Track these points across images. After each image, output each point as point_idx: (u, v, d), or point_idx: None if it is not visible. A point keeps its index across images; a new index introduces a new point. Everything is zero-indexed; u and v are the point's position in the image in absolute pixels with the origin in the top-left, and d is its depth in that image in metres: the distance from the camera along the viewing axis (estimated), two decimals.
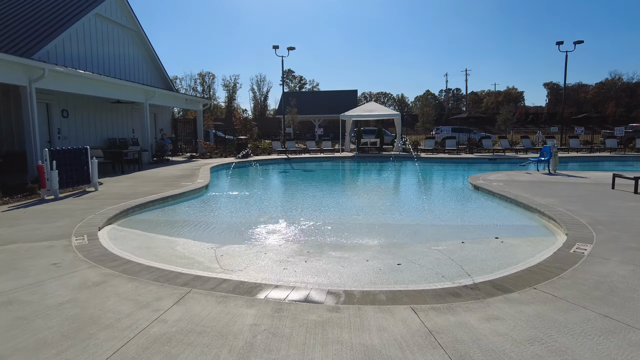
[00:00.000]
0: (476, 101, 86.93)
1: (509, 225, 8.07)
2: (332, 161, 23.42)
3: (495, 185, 11.84)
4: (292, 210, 9.81)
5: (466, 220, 8.62)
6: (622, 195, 10.03)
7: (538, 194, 10.22)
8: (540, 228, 7.70)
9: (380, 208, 9.90)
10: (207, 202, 10.78)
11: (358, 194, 12.55)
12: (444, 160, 22.52)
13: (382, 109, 28.10)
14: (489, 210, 9.54)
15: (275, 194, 12.62)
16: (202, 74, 67.85)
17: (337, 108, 30.61)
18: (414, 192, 12.77)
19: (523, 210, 9.16)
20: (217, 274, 5.02)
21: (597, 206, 8.68)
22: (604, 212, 8.01)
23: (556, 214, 7.92)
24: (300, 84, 74.81)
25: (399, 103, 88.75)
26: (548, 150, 14.72)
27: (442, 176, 16.78)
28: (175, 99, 22.44)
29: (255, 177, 16.74)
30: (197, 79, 67.62)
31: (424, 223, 8.29)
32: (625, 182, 11.29)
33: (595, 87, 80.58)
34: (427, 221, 8.46)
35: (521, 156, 23.17)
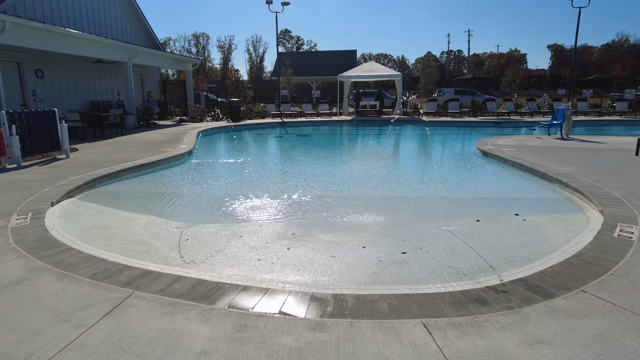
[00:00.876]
0: (478, 63, 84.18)
1: (527, 198, 6.96)
2: (329, 125, 22.10)
3: (506, 151, 10.67)
4: (281, 181, 8.67)
5: (477, 191, 7.51)
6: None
7: (555, 161, 9.08)
8: (565, 202, 6.60)
9: (380, 178, 8.77)
10: (188, 170, 9.63)
11: (356, 162, 11.37)
12: (447, 124, 21.22)
13: (382, 69, 26.46)
14: (502, 180, 8.42)
15: (264, 162, 11.39)
16: (196, 35, 65.03)
17: (336, 69, 28.93)
18: (417, 159, 11.62)
19: (541, 180, 8.04)
20: (173, 268, 3.94)
21: (627, 176, 7.56)
22: (635, 181, 6.91)
23: (583, 186, 6.81)
24: (298, 45, 71.95)
25: (399, 65, 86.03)
26: (562, 113, 13.45)
27: (446, 141, 15.56)
28: (162, 58, 20.83)
29: (245, 143, 15.53)
30: (191, 40, 64.90)
31: (430, 195, 7.18)
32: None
33: (600, 49, 77.87)
34: (433, 193, 7.36)
35: (527, 120, 21.85)
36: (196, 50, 64.97)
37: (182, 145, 12.19)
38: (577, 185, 6.89)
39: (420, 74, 34.98)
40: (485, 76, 31.88)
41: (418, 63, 75.47)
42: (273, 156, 12.65)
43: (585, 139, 13.22)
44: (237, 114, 21.61)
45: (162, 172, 9.23)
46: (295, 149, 14.08)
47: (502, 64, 75.53)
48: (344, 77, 24.94)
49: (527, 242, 4.63)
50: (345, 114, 25.85)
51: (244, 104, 25.63)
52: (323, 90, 39.75)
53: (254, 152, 13.12)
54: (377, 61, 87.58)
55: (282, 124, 21.50)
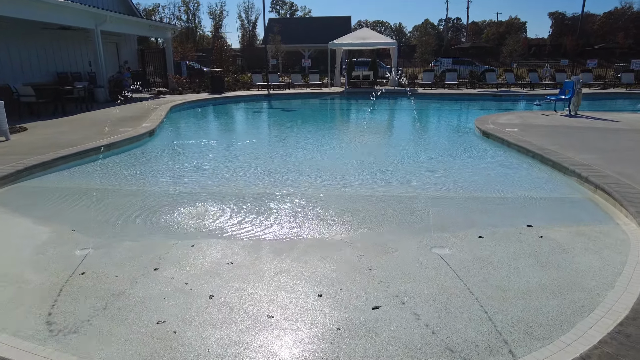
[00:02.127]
0: (477, 32, 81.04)
1: (540, 198, 5.56)
2: (319, 98, 20.42)
3: (510, 131, 9.22)
4: (241, 174, 7.09)
5: (478, 187, 6.11)
6: None
7: (568, 146, 7.66)
8: (588, 204, 5.23)
9: (361, 169, 7.32)
10: (141, 157, 8.13)
11: (334, 147, 9.57)
12: (444, 97, 19.59)
13: (376, 36, 24.50)
14: (507, 170, 7.00)
15: (231, 146, 9.46)
16: (186, 1, 61.65)
17: (329, 37, 26.87)
18: (407, 142, 10.07)
19: (553, 171, 6.65)
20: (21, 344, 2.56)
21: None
22: None
23: (607, 182, 5.42)
24: (292, 11, 68.59)
25: (396, 33, 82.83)
26: (571, 87, 11.90)
27: (442, 117, 14.03)
28: (135, 25, 18.84)
29: (219, 120, 13.89)
30: (181, 7, 61.56)
31: (419, 194, 5.78)
32: None
33: (602, 17, 74.81)
34: (423, 189, 5.96)
35: (528, 92, 20.22)
36: (186, 17, 61.80)
37: (145, 123, 10.65)
38: (600, 182, 5.50)
39: (417, 42, 32.88)
40: (484, 45, 29.88)
41: (415, 31, 72.48)
42: (243, 138, 10.97)
43: (596, 116, 11.73)
44: (220, 85, 19.87)
45: (112, 159, 7.76)
46: (271, 129, 12.51)
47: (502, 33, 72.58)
48: (335, 45, 23.05)
49: (552, 283, 3.25)
50: (337, 84, 24.11)
51: (229, 74, 23.82)
52: (315, 59, 37.62)
53: (224, 133, 11.46)
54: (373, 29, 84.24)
55: (268, 96, 19.82)
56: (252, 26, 60.14)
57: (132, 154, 8.19)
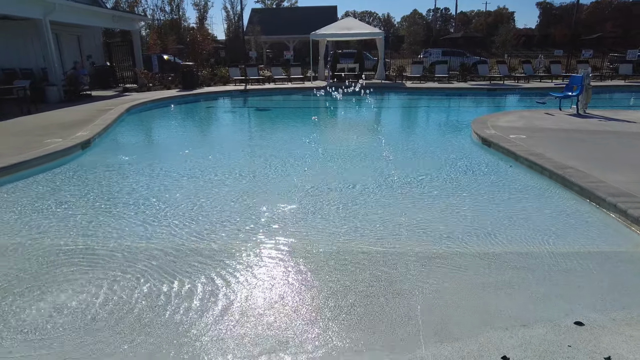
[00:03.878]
0: (465, 22, 79.07)
1: (576, 253, 3.81)
2: (300, 93, 18.51)
3: (515, 139, 7.48)
4: (164, 215, 5.31)
5: (483, 233, 4.29)
6: None
7: (591, 160, 5.94)
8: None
9: (325, 202, 5.51)
10: (51, 181, 6.20)
11: (298, 167, 6.77)
12: (435, 92, 17.79)
13: (361, 26, 22.53)
14: (520, 200, 5.17)
15: (182, 160, 7.25)
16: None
17: (314, 27, 24.87)
18: (389, 155, 8.08)
19: (580, 200, 4.92)
20: None
21: None
22: None
23: None
24: (278, 2, 65.84)
25: (384, 23, 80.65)
26: (579, 82, 10.16)
27: (434, 118, 12.22)
28: (94, 15, 16.64)
29: (178, 125, 11.74)
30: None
31: (400, 248, 3.99)
32: None
33: (590, 6, 73.24)
34: (406, 237, 4.19)
35: (523, 86, 18.51)
36: (170, 9, 58.95)
37: (82, 132, 8.72)
38: None
39: (406, 32, 30.92)
40: (476, 35, 28.02)
41: (404, 21, 70.34)
42: (195, 154, 8.98)
43: (608, 115, 10.03)
44: (192, 80, 17.89)
45: (16, 185, 5.89)
46: (237, 134, 10.63)
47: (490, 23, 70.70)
48: (317, 36, 21.09)
49: None
50: (320, 78, 22.19)
51: (205, 68, 21.78)
52: (300, 50, 35.47)
53: (174, 146, 8.98)
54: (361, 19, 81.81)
55: (244, 92, 17.88)
56: (237, 17, 57.53)
57: (40, 180, 6.27)
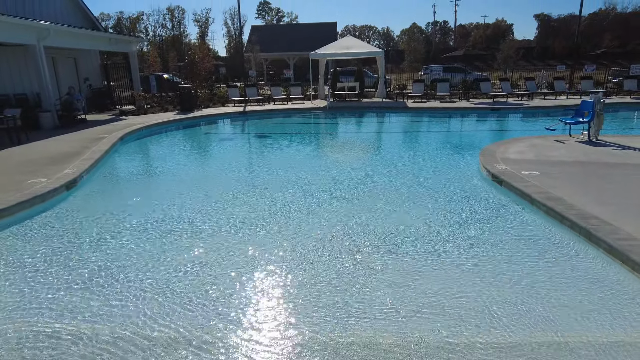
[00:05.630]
0: (464, 35, 79.09)
1: (608, 344, 3.27)
2: (299, 114, 18.06)
3: (528, 176, 6.93)
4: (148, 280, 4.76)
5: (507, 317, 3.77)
6: None
7: (618, 205, 5.37)
8: None
9: (300, 268, 4.97)
10: (30, 237, 5.64)
11: (278, 219, 6.22)
12: (437, 112, 17.30)
13: (361, 45, 22.17)
14: (542, 259, 4.60)
15: (177, 205, 6.44)
16: (171, 8, 58.88)
17: (314, 44, 24.61)
18: (387, 201, 7.41)
19: (610, 260, 4.36)
20: None
21: None
22: None
23: None
24: (278, 17, 65.83)
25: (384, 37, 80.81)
26: (590, 108, 9.64)
27: (436, 146, 11.64)
28: (90, 38, 16.29)
29: (172, 155, 11.02)
30: (166, 14, 58.79)
31: (399, 340, 3.44)
32: None
33: (587, 18, 73.12)
34: (403, 329, 3.64)
35: (528, 105, 18.02)
36: (171, 25, 59.18)
37: (69, 168, 8.21)
38: None
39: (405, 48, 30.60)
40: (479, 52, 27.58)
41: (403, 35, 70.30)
42: (194, 187, 8.42)
43: (622, 142, 9.48)
44: (190, 102, 17.46)
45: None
46: (231, 174, 10.10)
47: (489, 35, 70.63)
48: (316, 56, 20.73)
49: None
50: (321, 97, 21.79)
51: (205, 88, 21.39)
52: (300, 67, 35.18)
53: (171, 181, 8.31)
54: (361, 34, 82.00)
55: (243, 114, 17.44)
56: (238, 33, 57.57)
57: (25, 227, 5.74)
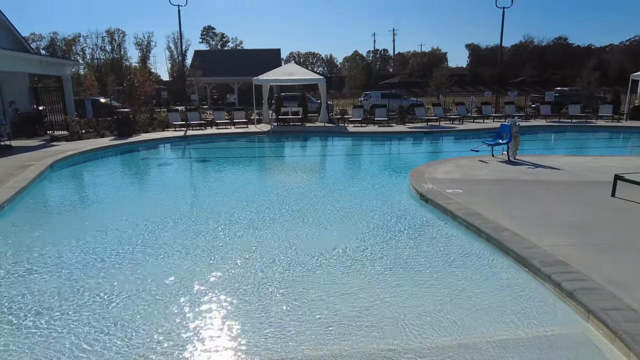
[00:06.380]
0: (403, 62, 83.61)
1: (512, 340, 3.65)
2: (243, 138, 18.12)
3: (452, 194, 7.49)
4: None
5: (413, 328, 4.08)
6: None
7: (528, 219, 5.96)
8: (587, 351, 3.38)
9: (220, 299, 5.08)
10: None
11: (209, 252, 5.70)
12: (375, 136, 18.09)
13: (303, 72, 22.83)
14: (457, 273, 5.04)
15: (110, 242, 5.89)
16: (111, 31, 57.20)
17: (259, 69, 24.98)
18: (324, 225, 7.68)
19: (518, 267, 4.83)
20: None
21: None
22: None
23: (603, 305, 3.62)
24: (223, 42, 66.03)
25: (327, 64, 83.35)
26: (508, 131, 10.63)
27: (372, 167, 12.26)
28: (16, 60, 15.48)
29: (106, 184, 10.37)
30: (105, 37, 56.94)
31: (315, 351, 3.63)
32: (625, 185, 7.23)
33: (511, 49, 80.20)
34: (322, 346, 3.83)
35: (458, 128, 19.35)
36: (111, 48, 57.36)
37: None
38: (593, 305, 3.71)
39: (347, 75, 31.86)
40: (413, 80, 29.41)
41: (346, 62, 72.95)
42: (123, 224, 6.77)
43: (536, 161, 10.49)
44: (128, 127, 16.96)
45: None
46: (168, 204, 9.93)
47: (426, 63, 75.25)
48: (260, 81, 21.04)
49: None
50: (265, 121, 22.02)
51: (145, 112, 20.89)
52: (244, 92, 35.33)
53: (103, 214, 7.47)
54: (305, 60, 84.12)
55: (184, 139, 17.20)
56: (181, 57, 56.91)
57: None
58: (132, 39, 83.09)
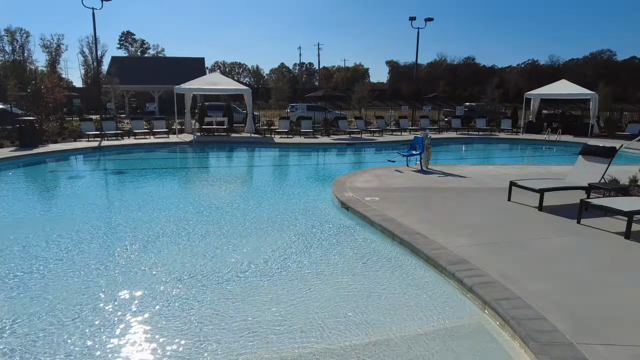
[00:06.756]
0: (328, 76, 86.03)
1: (423, 334, 3.96)
2: (164, 149, 17.41)
3: (370, 201, 7.89)
4: None
5: (330, 327, 4.28)
6: (535, 216, 6.89)
7: (435, 223, 6.49)
8: (481, 337, 3.77)
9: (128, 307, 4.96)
10: None
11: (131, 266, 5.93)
12: (301, 147, 18.39)
13: (228, 82, 22.59)
14: (373, 274, 5.35)
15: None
16: (11, 30, 51.78)
17: (182, 78, 24.23)
18: (247, 236, 7.90)
19: (427, 267, 5.24)
20: None
21: (532, 252, 5.18)
22: (561, 279, 4.45)
23: (497, 296, 4.08)
24: (143, 49, 62.95)
25: (254, 75, 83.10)
26: (420, 143, 11.45)
27: (298, 177, 12.50)
28: None
29: (4, 198, 9.64)
30: (4, 36, 51.43)
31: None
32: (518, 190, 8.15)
33: (427, 66, 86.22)
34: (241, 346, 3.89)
35: (378, 140, 20.35)
36: (12, 49, 51.99)
37: None
38: (488, 297, 4.16)
39: (273, 87, 32.07)
40: (336, 94, 30.44)
41: (273, 73, 73.35)
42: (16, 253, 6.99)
43: (445, 170, 11.40)
44: (32, 137, 15.46)
45: None
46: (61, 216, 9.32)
47: (349, 77, 78.22)
48: (182, 90, 20.41)
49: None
50: (187, 131, 21.35)
51: (54, 121, 19.23)
52: (165, 101, 34.04)
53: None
54: (231, 70, 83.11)
55: (99, 149, 16.10)
56: (96, 63, 53.18)
57: None
58: (39, 41, 75.97)
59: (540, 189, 7.47)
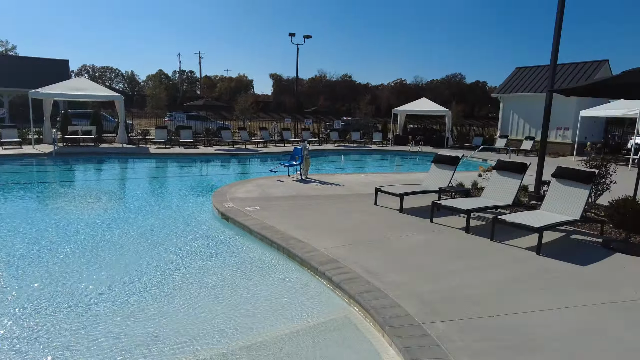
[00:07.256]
0: (210, 85, 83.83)
1: (294, 333, 4.18)
2: (16, 162, 15.12)
3: (250, 211, 7.99)
4: None
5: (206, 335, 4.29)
6: (396, 218, 7.73)
7: (312, 227, 6.86)
8: (347, 330, 4.14)
9: None
10: None
11: None
12: (180, 157, 17.63)
13: (97, 88, 20.57)
14: (250, 281, 5.46)
15: None
16: None
17: (40, 81, 21.34)
18: (121, 254, 7.51)
19: (302, 270, 5.53)
20: None
21: (392, 249, 5.83)
22: (415, 270, 5.10)
23: (360, 290, 4.52)
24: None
25: (129, 81, 76.99)
26: (299, 154, 11.94)
27: (176, 188, 11.98)
28: None
29: None
30: None
31: None
32: (383, 195, 9.09)
33: (308, 81, 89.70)
34: None
35: (262, 151, 20.58)
36: None
37: None
38: (353, 291, 4.58)
39: (149, 94, 30.17)
40: (218, 103, 29.88)
41: (150, 80, 68.79)
42: None
43: (322, 179, 12.05)
44: None
45: None
46: None
47: (233, 88, 77.31)
48: (39, 95, 18.04)
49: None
50: (47, 141, 18.88)
51: None
52: (19, 106, 29.62)
53: None
54: (102, 75, 75.79)
55: None
56: None
57: None
58: None
59: (400, 193, 8.41)
